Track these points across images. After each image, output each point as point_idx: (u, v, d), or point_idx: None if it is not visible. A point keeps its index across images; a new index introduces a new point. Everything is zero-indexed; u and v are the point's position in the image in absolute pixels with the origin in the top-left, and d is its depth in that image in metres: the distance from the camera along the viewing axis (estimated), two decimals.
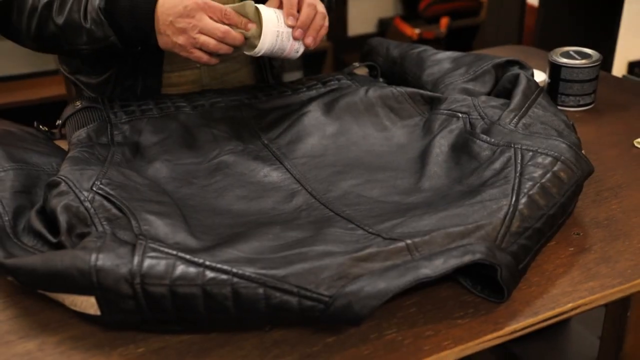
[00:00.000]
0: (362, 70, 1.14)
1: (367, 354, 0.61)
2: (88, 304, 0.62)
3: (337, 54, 3.12)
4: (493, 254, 0.64)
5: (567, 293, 0.68)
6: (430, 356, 0.61)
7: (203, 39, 0.88)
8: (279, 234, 0.69)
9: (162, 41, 0.91)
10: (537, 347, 1.45)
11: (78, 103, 0.95)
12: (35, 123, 1.05)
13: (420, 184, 0.81)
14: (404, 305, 0.66)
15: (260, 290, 0.60)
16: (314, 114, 0.96)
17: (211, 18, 0.88)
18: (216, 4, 0.88)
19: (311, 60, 3.06)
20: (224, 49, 0.89)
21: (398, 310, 0.66)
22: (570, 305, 0.67)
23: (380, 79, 1.12)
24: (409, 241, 0.65)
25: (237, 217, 0.77)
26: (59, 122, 0.96)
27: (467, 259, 0.63)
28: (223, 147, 0.91)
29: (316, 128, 0.94)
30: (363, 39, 1.29)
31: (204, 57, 0.90)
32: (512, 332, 0.64)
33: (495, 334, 0.63)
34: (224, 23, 0.88)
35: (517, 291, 0.68)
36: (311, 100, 0.99)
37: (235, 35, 0.89)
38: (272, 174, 0.85)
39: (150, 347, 0.62)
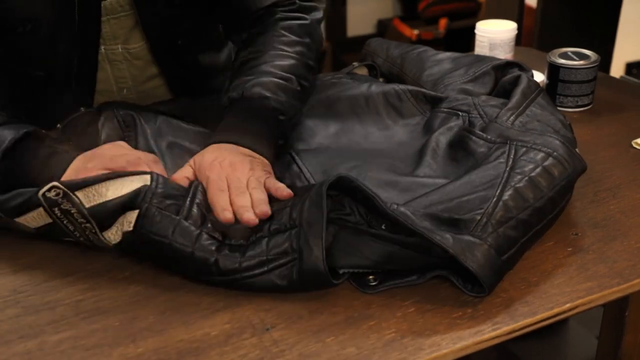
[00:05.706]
0: (361, 70, 1.14)
1: (367, 354, 0.61)
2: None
3: (336, 54, 3.12)
4: (462, 250, 0.65)
5: (565, 293, 0.68)
6: (430, 356, 0.61)
7: None
8: None
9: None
10: (536, 346, 1.45)
11: (82, 108, 0.95)
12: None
13: (416, 172, 0.83)
14: (403, 305, 0.67)
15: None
16: (316, 112, 0.96)
17: None
18: None
19: None
20: None
21: (397, 310, 0.66)
22: (568, 305, 0.67)
23: (380, 79, 1.12)
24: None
25: None
26: (59, 125, 0.95)
27: (436, 238, 0.65)
28: None
29: (318, 126, 0.94)
30: (362, 39, 1.29)
31: None
32: (510, 332, 0.64)
33: (493, 334, 0.63)
34: None
35: (516, 291, 0.68)
36: (313, 97, 1.00)
37: None
38: (275, 169, 0.86)
39: (150, 347, 0.62)
